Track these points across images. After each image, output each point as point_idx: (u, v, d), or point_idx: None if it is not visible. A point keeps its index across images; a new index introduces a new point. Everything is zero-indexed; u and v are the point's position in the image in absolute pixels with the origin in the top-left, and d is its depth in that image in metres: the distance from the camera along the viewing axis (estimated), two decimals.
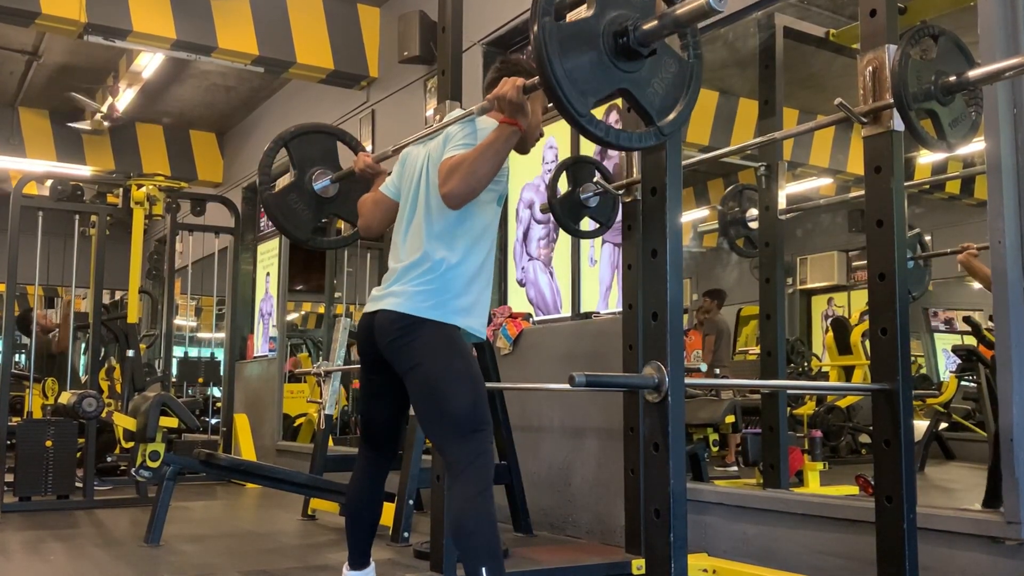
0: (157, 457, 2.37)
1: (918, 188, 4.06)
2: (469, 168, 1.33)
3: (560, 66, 1.01)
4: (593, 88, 1.05)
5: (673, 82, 1.14)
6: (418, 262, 1.42)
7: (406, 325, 1.38)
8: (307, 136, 1.81)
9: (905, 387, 1.42)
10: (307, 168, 1.79)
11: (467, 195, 1.35)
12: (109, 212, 3.58)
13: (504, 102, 1.30)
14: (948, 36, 1.47)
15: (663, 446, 1.19)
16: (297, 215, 1.77)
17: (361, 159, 1.66)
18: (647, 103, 1.10)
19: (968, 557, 1.53)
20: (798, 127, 2.71)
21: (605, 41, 1.05)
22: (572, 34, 1.04)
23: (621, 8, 1.07)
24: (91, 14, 3.28)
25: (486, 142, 1.34)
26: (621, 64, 1.06)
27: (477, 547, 1.28)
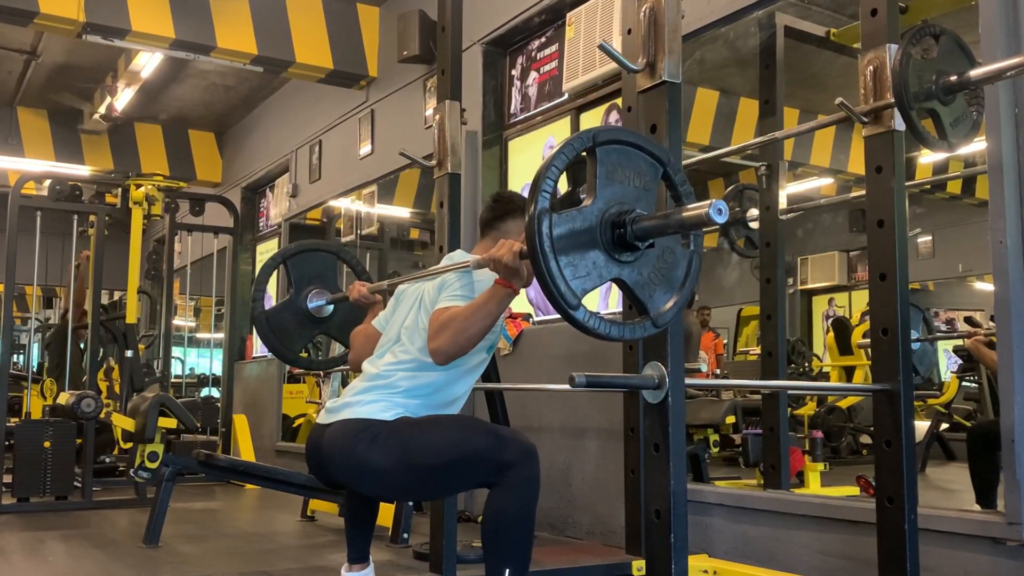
0: (156, 458, 2.37)
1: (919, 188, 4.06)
2: (460, 327, 1.28)
3: (555, 264, 0.98)
4: (588, 280, 1.02)
5: (671, 272, 1.11)
6: (387, 385, 1.35)
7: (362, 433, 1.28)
8: (307, 254, 1.80)
9: (906, 387, 1.41)
10: (303, 286, 1.79)
11: (455, 354, 1.30)
12: (108, 212, 3.57)
13: (500, 266, 1.25)
14: (949, 35, 1.46)
15: (663, 447, 1.19)
16: (287, 333, 1.77)
17: (356, 288, 1.64)
18: (642, 295, 1.08)
19: (969, 558, 1.53)
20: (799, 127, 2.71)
21: (603, 233, 1.03)
22: (571, 228, 1.00)
23: (622, 200, 1.05)
24: (90, 13, 3.27)
25: (479, 302, 1.29)
26: (618, 255, 1.04)
27: (512, 549, 1.24)
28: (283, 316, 1.77)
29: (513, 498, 1.26)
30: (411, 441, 1.29)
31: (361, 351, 1.53)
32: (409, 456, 1.28)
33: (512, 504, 1.26)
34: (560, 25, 2.74)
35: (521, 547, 1.27)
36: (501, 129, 2.97)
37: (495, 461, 1.28)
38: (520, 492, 1.26)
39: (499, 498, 1.27)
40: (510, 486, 1.26)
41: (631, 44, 1.32)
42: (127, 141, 5.34)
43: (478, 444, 1.29)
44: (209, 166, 5.57)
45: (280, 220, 4.55)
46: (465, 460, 1.29)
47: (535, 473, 1.29)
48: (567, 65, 2.61)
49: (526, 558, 1.28)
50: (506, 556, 1.26)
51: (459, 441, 1.29)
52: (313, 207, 4.36)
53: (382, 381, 1.36)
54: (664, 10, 1.24)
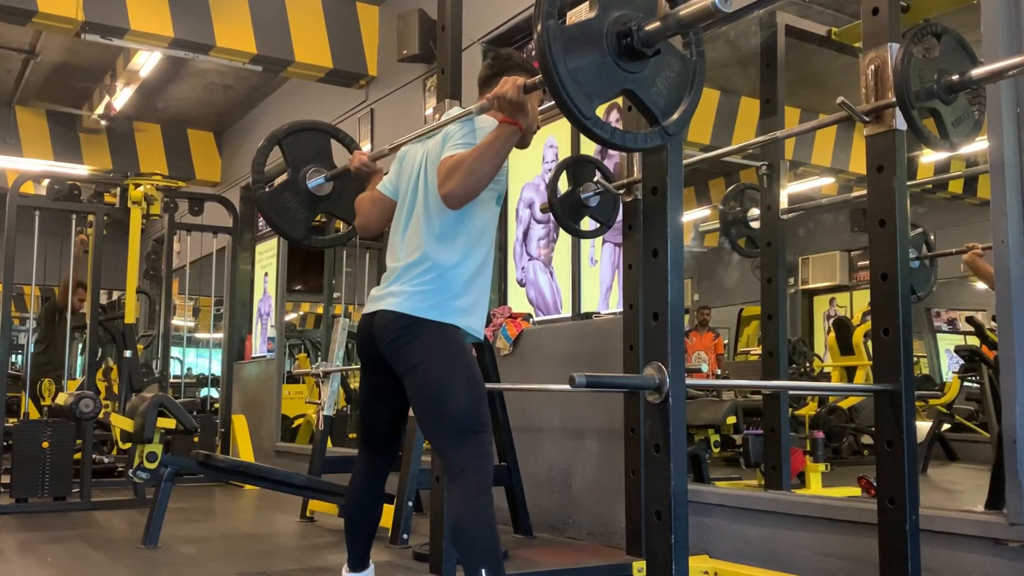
0: (155, 458, 2.36)
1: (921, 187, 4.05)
2: (469, 168, 1.31)
3: (565, 69, 1.00)
4: (598, 90, 1.04)
5: (677, 81, 1.12)
6: (417, 262, 1.41)
7: (406, 325, 1.37)
8: (301, 134, 1.79)
9: (908, 388, 1.41)
10: (301, 166, 1.77)
11: (467, 196, 1.33)
12: (106, 212, 3.56)
13: (504, 102, 1.28)
14: (951, 34, 1.46)
15: (664, 447, 1.19)
16: (291, 214, 1.75)
17: (356, 157, 1.64)
18: (651, 103, 1.09)
19: (971, 559, 1.53)
20: (800, 126, 2.70)
21: (609, 42, 1.04)
22: (576, 36, 1.03)
23: (624, 8, 1.06)
24: (88, 12, 3.26)
25: (486, 142, 1.32)
26: (625, 65, 1.05)
27: (477, 549, 1.27)
28: (284, 196, 1.74)
29: (467, 503, 1.29)
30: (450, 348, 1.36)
31: (367, 216, 1.55)
32: (444, 354, 1.35)
33: (467, 509, 1.29)
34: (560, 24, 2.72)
35: (489, 546, 1.28)
36: None
37: (471, 422, 1.33)
38: (473, 495, 1.30)
39: (455, 507, 1.31)
40: (464, 490, 1.30)
41: None
42: (126, 140, 5.33)
43: (468, 399, 1.34)
44: (208, 165, 5.56)
45: None
46: (460, 389, 1.34)
47: (484, 478, 1.32)
48: None
49: (496, 556, 1.29)
50: (478, 559, 1.27)
51: (468, 379, 1.35)
52: None
53: (419, 271, 1.39)
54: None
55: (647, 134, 1.10)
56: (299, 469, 2.91)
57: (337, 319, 3.21)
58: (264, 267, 4.66)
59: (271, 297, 4.57)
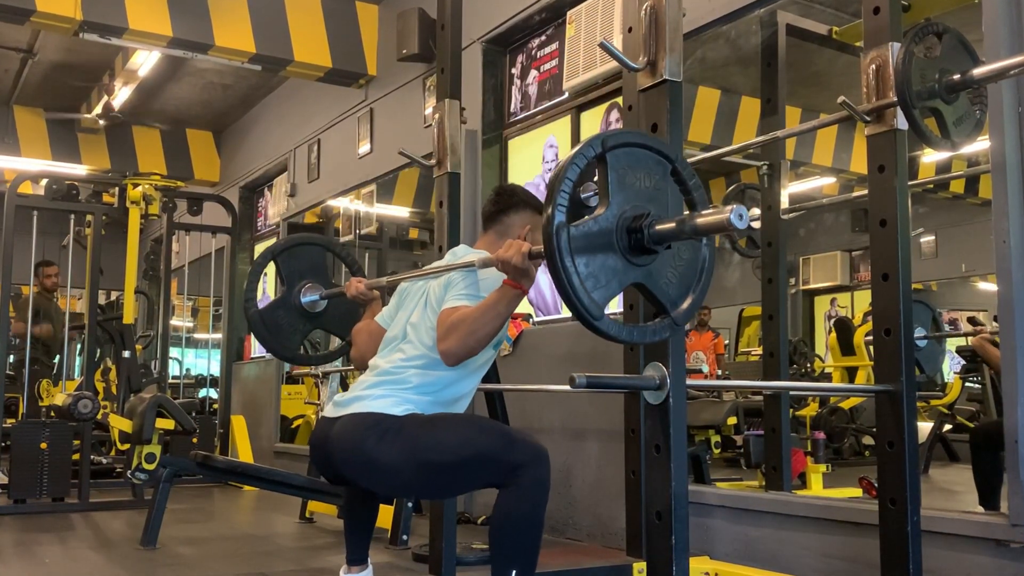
0: (153, 459, 2.35)
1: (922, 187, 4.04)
2: (469, 329, 1.26)
3: (577, 277, 0.98)
4: (609, 288, 1.02)
5: (686, 269, 1.10)
6: (394, 371, 1.34)
7: (371, 425, 1.27)
8: (298, 248, 1.79)
9: (909, 388, 1.41)
10: (295, 281, 1.77)
11: (465, 356, 1.29)
12: (105, 212, 3.55)
13: (509, 267, 1.24)
14: (952, 34, 1.45)
15: (664, 448, 1.18)
16: (283, 332, 1.75)
17: (353, 285, 1.61)
18: (661, 295, 1.08)
19: (973, 560, 1.52)
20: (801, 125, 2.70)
21: (620, 239, 1.03)
22: (587, 234, 1.00)
23: (635, 202, 1.04)
24: (87, 11, 3.25)
25: (488, 303, 1.27)
26: (634, 259, 1.04)
27: (521, 555, 1.23)
28: (277, 314, 1.75)
29: (521, 500, 1.25)
30: (421, 438, 1.28)
31: (364, 348, 1.51)
32: (419, 453, 1.27)
33: (520, 506, 1.25)
34: (560, 23, 2.72)
35: (529, 549, 1.26)
36: (501, 128, 2.95)
37: (505, 462, 1.26)
38: (529, 494, 1.25)
39: (508, 499, 1.26)
40: (519, 487, 1.25)
41: (632, 42, 1.31)
42: (124, 140, 5.32)
43: (488, 444, 1.28)
44: (207, 165, 5.55)
45: (278, 220, 4.53)
46: (475, 460, 1.27)
47: (544, 475, 1.27)
48: (567, 63, 2.59)
49: (533, 560, 1.27)
50: (513, 558, 1.25)
51: (470, 440, 1.28)
52: (311, 206, 4.34)
53: (392, 376, 1.35)
54: (665, 8, 1.23)
55: (656, 326, 1.08)
56: (298, 470, 2.90)
57: None
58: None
59: (270, 297, 4.55)
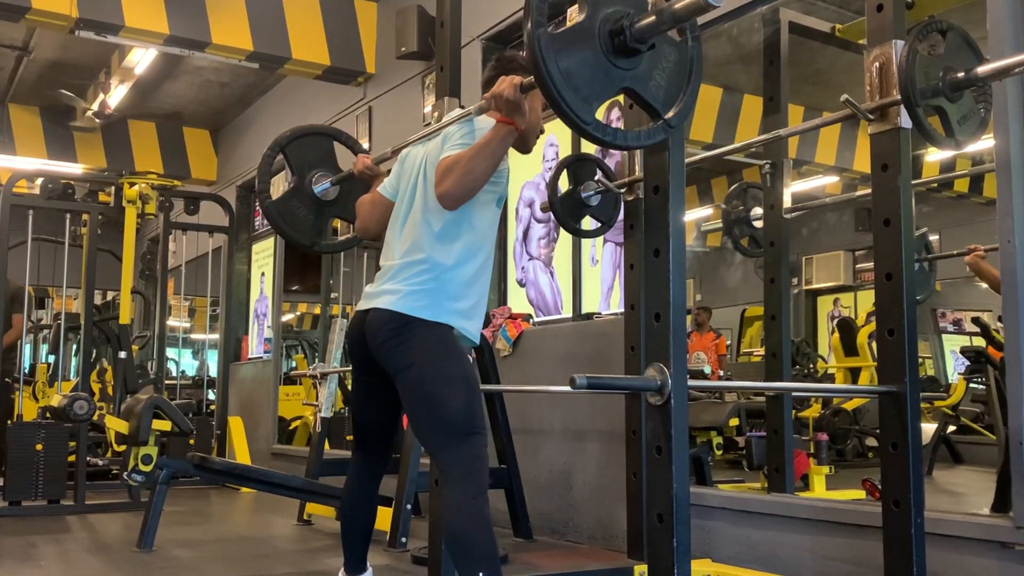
0: (150, 461, 2.33)
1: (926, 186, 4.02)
2: (464, 168, 1.30)
3: (560, 76, 0.98)
4: (596, 92, 1.02)
5: (674, 71, 1.10)
6: (415, 261, 1.39)
7: (399, 325, 1.35)
8: (304, 139, 1.78)
9: (913, 389, 1.40)
10: (306, 172, 1.76)
11: (463, 195, 1.32)
12: (101, 211, 3.53)
13: (501, 101, 1.28)
14: (956, 31, 1.44)
15: (666, 449, 1.17)
16: (299, 220, 1.75)
17: (360, 160, 1.63)
18: (651, 98, 1.07)
19: (977, 563, 1.51)
20: (803, 124, 2.68)
21: (602, 42, 1.02)
22: (568, 40, 1.01)
23: (614, 6, 1.04)
24: (82, 9, 3.23)
25: (482, 141, 1.31)
26: (620, 63, 1.03)
27: (473, 553, 1.25)
28: (291, 204, 1.74)
29: (462, 512, 1.28)
30: (443, 348, 1.34)
31: (368, 219, 1.54)
32: (421, 364, 1.33)
33: (463, 518, 1.28)
34: (561, 21, 2.71)
35: (487, 551, 1.27)
36: None
37: (466, 425, 1.31)
38: (467, 505, 1.28)
39: (449, 515, 1.30)
40: (456, 500, 1.29)
41: None
42: (121, 139, 5.29)
43: (461, 411, 1.32)
44: (204, 164, 5.53)
45: None
46: (444, 406, 1.32)
47: (479, 483, 1.30)
48: None
49: (494, 558, 1.28)
50: (474, 564, 1.26)
51: (456, 391, 1.32)
52: None
53: (408, 273, 1.37)
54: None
55: (649, 130, 1.08)
56: (296, 471, 2.88)
57: (334, 320, 3.19)
58: (261, 267, 4.63)
59: (268, 297, 4.54)
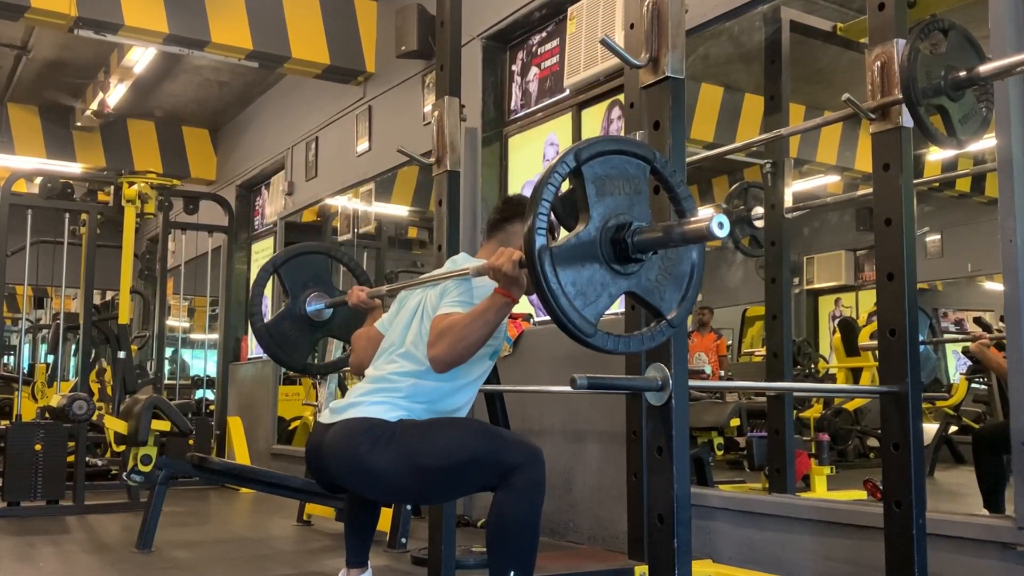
0: (149, 461, 2.33)
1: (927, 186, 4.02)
2: (458, 335, 1.27)
3: (560, 291, 0.97)
4: (600, 302, 1.01)
5: (676, 271, 1.09)
6: (390, 388, 1.33)
7: (363, 431, 1.27)
8: (299, 258, 1.79)
9: (914, 390, 1.39)
10: (299, 292, 1.77)
11: (454, 362, 1.29)
12: (100, 210, 3.52)
13: (500, 275, 1.25)
14: (958, 30, 1.43)
15: (667, 450, 1.16)
16: (291, 343, 1.76)
17: (355, 294, 1.62)
18: (653, 300, 1.07)
19: (979, 563, 1.51)
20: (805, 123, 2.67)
21: (604, 252, 1.02)
22: (571, 253, 0.99)
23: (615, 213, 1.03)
24: (82, 8, 3.22)
25: (478, 310, 1.28)
26: (622, 268, 1.03)
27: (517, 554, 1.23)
28: (284, 325, 1.76)
29: (518, 502, 1.24)
30: (415, 443, 1.28)
31: (363, 354, 1.51)
32: (413, 459, 1.27)
33: (517, 508, 1.24)
34: (561, 20, 2.70)
35: (526, 551, 1.26)
36: (501, 126, 2.93)
37: (499, 464, 1.26)
38: (525, 496, 1.25)
39: (504, 502, 1.26)
40: (514, 489, 1.25)
41: (634, 39, 1.30)
42: (120, 138, 5.28)
43: (483, 447, 1.28)
44: (203, 163, 5.52)
45: (276, 218, 4.50)
46: (469, 463, 1.27)
47: (540, 476, 1.27)
48: (568, 60, 2.57)
49: (531, 563, 1.26)
50: (511, 561, 1.24)
51: (463, 444, 1.28)
52: (309, 205, 4.31)
53: (387, 384, 1.35)
54: (667, 4, 1.21)
55: (653, 331, 1.07)
56: (295, 472, 2.87)
57: None
58: (260, 266, 4.60)
59: (267, 297, 4.52)
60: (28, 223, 3.35)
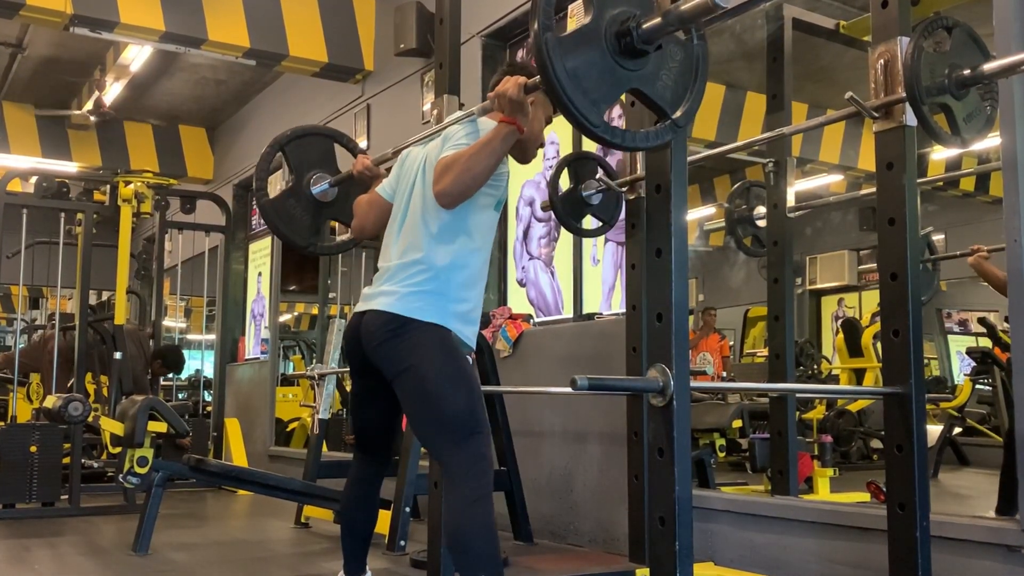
0: (145, 463, 2.31)
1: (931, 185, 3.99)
2: (463, 166, 1.29)
3: (567, 79, 0.98)
4: (604, 95, 1.02)
5: (680, 71, 1.10)
6: (412, 262, 1.37)
7: (397, 326, 1.34)
8: (304, 139, 1.77)
9: (918, 391, 1.39)
10: (304, 172, 1.75)
11: (460, 194, 1.30)
12: (96, 210, 3.50)
13: (504, 99, 1.26)
14: (962, 28, 1.43)
15: (668, 451, 1.16)
16: (296, 221, 1.73)
17: (360, 161, 1.62)
18: (659, 98, 1.07)
19: (983, 566, 1.50)
20: (807, 122, 2.66)
21: (608, 44, 1.02)
22: (575, 43, 1.00)
23: (620, 7, 1.03)
24: (77, 5, 3.19)
25: (482, 140, 1.30)
26: (627, 64, 1.03)
27: (475, 556, 1.24)
28: (289, 203, 1.72)
29: (462, 508, 1.26)
30: (439, 349, 1.32)
31: (364, 218, 1.53)
32: (419, 364, 1.31)
33: (464, 515, 1.26)
34: (561, 18, 2.68)
35: (486, 551, 1.25)
36: None
37: (461, 436, 1.29)
38: (468, 501, 1.27)
39: (450, 512, 1.28)
40: (459, 496, 1.27)
41: None
42: (116, 137, 5.26)
43: (463, 411, 1.31)
44: (200, 162, 5.49)
45: None
46: (451, 402, 1.30)
47: (482, 487, 1.28)
48: None
49: (495, 560, 1.26)
50: (476, 566, 1.25)
51: (460, 387, 1.31)
52: None
53: (405, 273, 1.36)
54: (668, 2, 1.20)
55: (657, 130, 1.08)
56: (293, 474, 2.86)
57: (332, 320, 3.17)
58: (258, 267, 4.60)
59: (265, 298, 4.51)
60: (23, 223, 3.32)
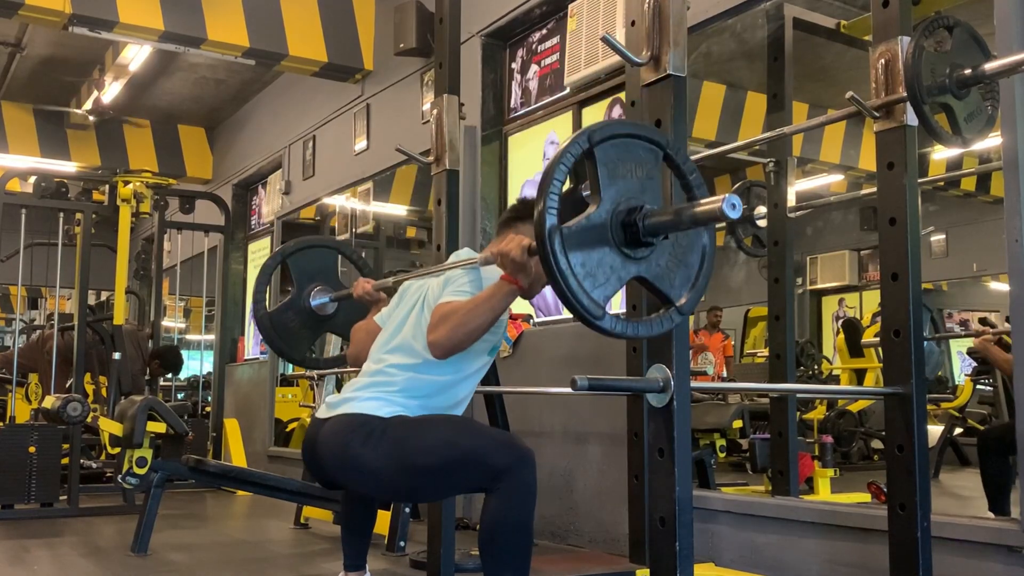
0: (144, 463, 2.30)
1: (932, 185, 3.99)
2: (460, 320, 1.25)
3: (571, 273, 0.96)
4: (609, 285, 1.00)
5: (687, 257, 1.08)
6: (385, 382, 1.32)
7: (356, 427, 1.26)
8: (309, 250, 1.77)
9: (919, 391, 1.38)
10: (305, 284, 1.75)
11: (454, 348, 1.27)
12: (95, 210, 3.50)
13: (507, 260, 1.23)
14: (963, 27, 1.42)
15: (668, 452, 1.15)
16: (293, 335, 1.73)
17: (360, 285, 1.60)
18: (663, 286, 1.06)
19: (984, 567, 1.50)
20: (808, 122, 2.66)
21: (614, 235, 1.01)
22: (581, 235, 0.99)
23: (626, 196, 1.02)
24: (76, 4, 3.19)
25: (482, 296, 1.27)
26: (632, 252, 1.02)
27: (510, 558, 1.21)
28: (286, 316, 1.73)
29: (508, 505, 1.23)
30: (404, 440, 1.26)
31: (361, 346, 1.50)
32: (402, 456, 1.25)
33: (507, 512, 1.23)
34: (562, 17, 2.68)
35: (520, 555, 1.24)
36: (501, 124, 2.91)
37: (488, 465, 1.24)
38: (515, 499, 1.23)
39: (494, 506, 1.24)
40: (505, 493, 1.23)
41: (635, 36, 1.27)
42: (115, 136, 5.25)
43: (472, 446, 1.26)
44: (199, 162, 5.48)
45: (273, 218, 4.47)
46: (457, 462, 1.25)
47: (530, 478, 1.25)
48: (569, 58, 2.55)
49: (526, 566, 1.25)
50: (504, 565, 1.23)
51: (452, 442, 1.26)
52: (306, 204, 4.28)
53: (382, 378, 1.34)
54: (669, 1, 1.20)
55: (661, 318, 1.06)
56: (293, 474, 2.85)
57: None
58: (257, 266, 4.57)
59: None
60: (22, 223, 3.32)
